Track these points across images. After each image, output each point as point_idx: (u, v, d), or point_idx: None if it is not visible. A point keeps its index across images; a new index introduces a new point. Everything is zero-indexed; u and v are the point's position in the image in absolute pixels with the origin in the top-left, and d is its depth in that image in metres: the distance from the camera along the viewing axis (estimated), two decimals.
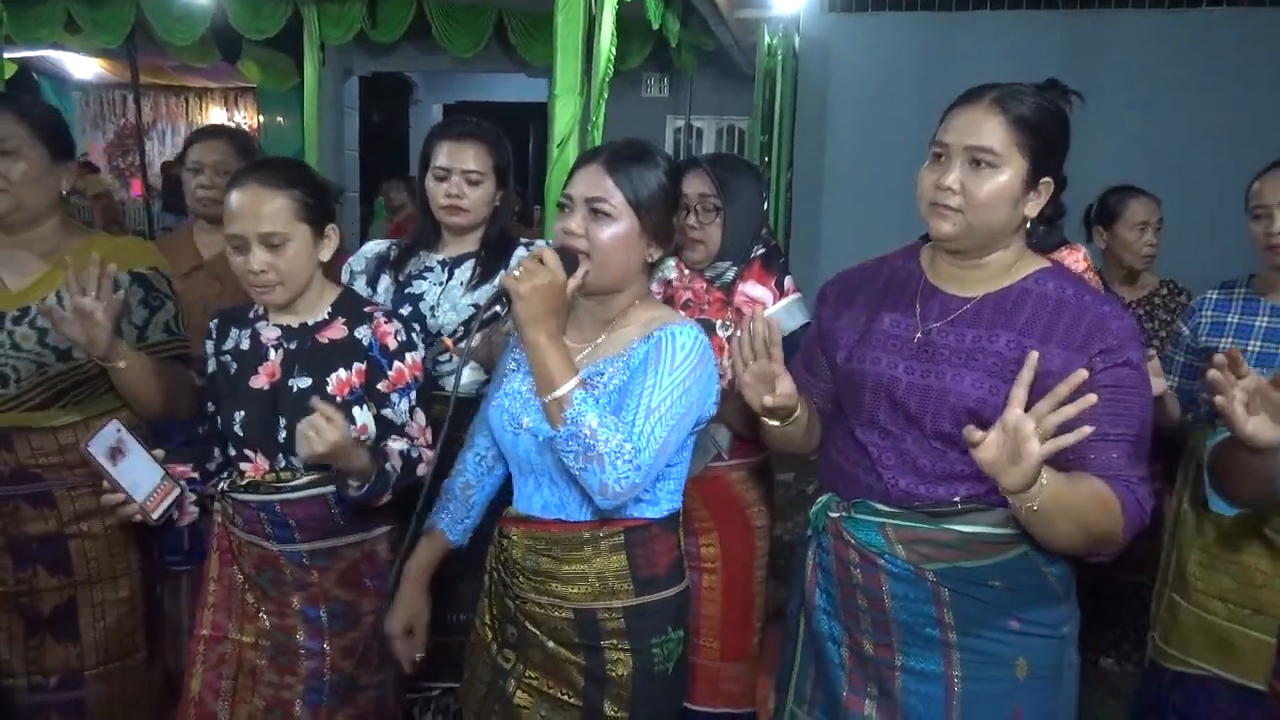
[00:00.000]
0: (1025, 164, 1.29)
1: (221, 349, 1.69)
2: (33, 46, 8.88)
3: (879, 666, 1.38)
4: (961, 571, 1.34)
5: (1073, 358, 1.26)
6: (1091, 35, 5.52)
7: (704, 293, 1.97)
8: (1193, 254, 3.86)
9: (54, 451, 1.78)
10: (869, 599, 1.38)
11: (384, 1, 7.74)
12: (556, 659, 1.44)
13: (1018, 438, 1.12)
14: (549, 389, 1.31)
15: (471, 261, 2.03)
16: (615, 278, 1.42)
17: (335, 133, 9.61)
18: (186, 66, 10.06)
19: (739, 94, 8.52)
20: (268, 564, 1.64)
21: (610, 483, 1.29)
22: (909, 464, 1.36)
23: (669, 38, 7.07)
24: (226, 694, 1.66)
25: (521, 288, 1.31)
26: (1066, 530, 1.23)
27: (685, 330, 1.39)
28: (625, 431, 1.30)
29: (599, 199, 1.38)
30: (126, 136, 12.14)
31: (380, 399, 1.62)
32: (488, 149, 2.00)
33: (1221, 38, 5.33)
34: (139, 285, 1.83)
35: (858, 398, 1.41)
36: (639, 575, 1.43)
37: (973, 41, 5.53)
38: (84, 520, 1.80)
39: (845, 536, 1.41)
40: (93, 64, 11.00)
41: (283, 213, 1.54)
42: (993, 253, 1.36)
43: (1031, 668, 1.35)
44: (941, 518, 1.35)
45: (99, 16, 7.79)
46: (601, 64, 4.04)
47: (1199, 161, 5.19)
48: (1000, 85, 1.32)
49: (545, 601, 1.44)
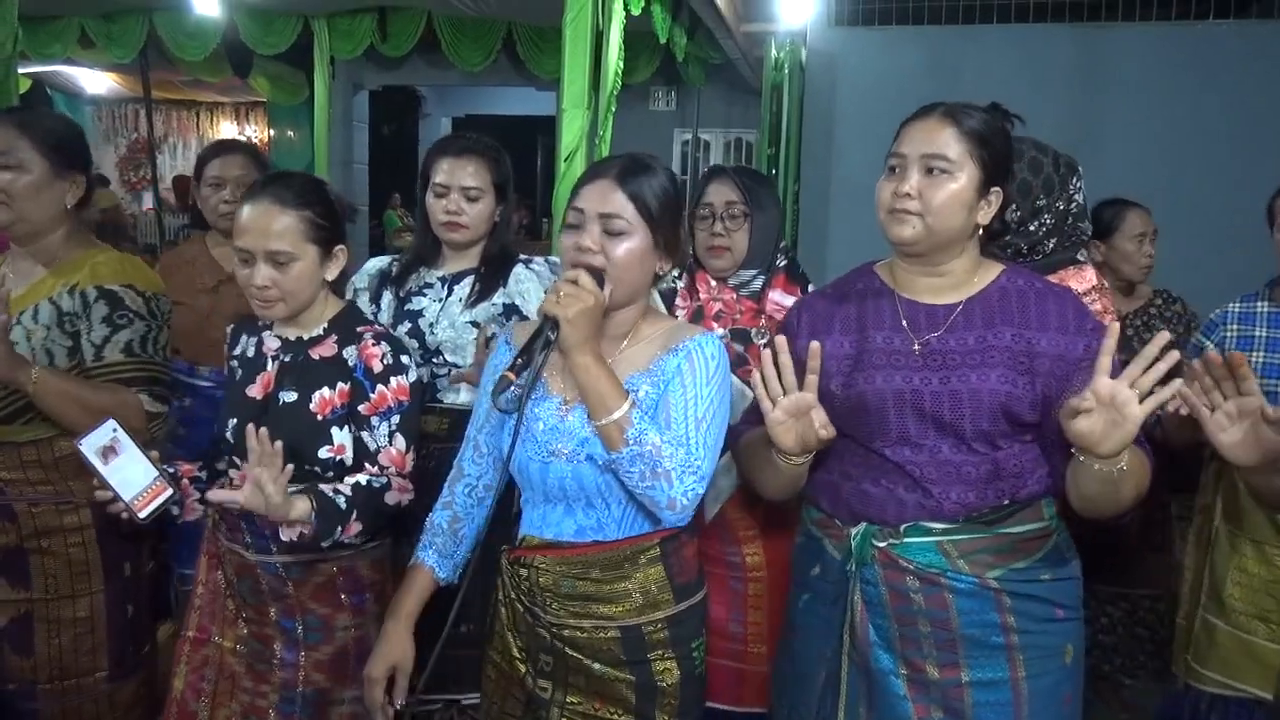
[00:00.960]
0: (977, 172, 1.37)
1: (233, 354, 1.71)
2: (47, 62, 8.95)
3: (945, 688, 1.37)
4: (1017, 573, 1.38)
5: (1071, 340, 1.35)
6: (1098, 49, 5.52)
7: (734, 303, 1.98)
8: (1202, 265, 3.86)
9: (15, 466, 1.76)
10: (933, 621, 1.38)
11: (393, 16, 7.79)
12: (605, 680, 1.43)
13: (1116, 403, 1.17)
14: (605, 412, 1.31)
15: (471, 278, 2.03)
16: (630, 293, 1.42)
17: (345, 146, 9.67)
18: (198, 81, 10.13)
19: (746, 107, 8.56)
20: (246, 573, 1.64)
21: (678, 496, 1.31)
22: (954, 474, 1.37)
23: (676, 51, 7.10)
24: (207, 696, 1.67)
25: (569, 312, 1.30)
26: (1128, 490, 1.27)
27: (710, 340, 1.41)
28: (684, 445, 1.33)
29: (614, 214, 1.37)
30: (138, 150, 12.23)
31: (360, 421, 1.60)
32: (486, 165, 2.00)
33: (1229, 51, 5.32)
34: (105, 301, 1.78)
35: (880, 418, 1.40)
36: (676, 583, 1.44)
37: (979, 56, 5.54)
38: (44, 537, 1.78)
39: (900, 563, 1.38)
40: (106, 79, 11.10)
41: (292, 232, 1.55)
42: (951, 259, 1.42)
43: (1074, 651, 1.41)
44: (996, 523, 1.37)
45: (112, 32, 7.86)
46: (609, 77, 4.06)
47: (1207, 174, 5.18)
48: (949, 103, 1.41)
49: (589, 625, 1.42)
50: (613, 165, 1.42)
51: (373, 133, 10.72)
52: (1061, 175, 2.00)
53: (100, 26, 7.86)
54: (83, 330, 1.77)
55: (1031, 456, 1.39)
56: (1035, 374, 1.34)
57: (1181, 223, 4.77)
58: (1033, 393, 1.34)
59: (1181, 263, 2.94)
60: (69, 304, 1.78)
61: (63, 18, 7.79)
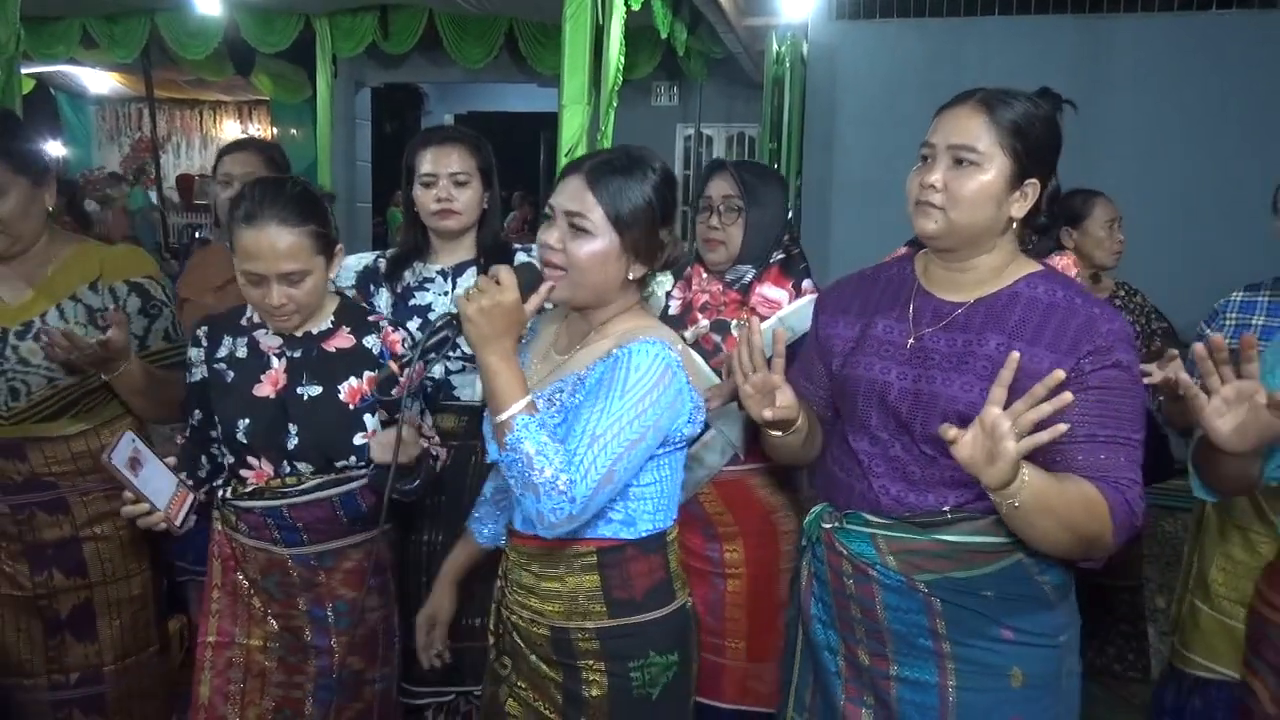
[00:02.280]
0: (1009, 163, 1.30)
1: (215, 356, 1.68)
2: (50, 62, 8.99)
3: (874, 676, 1.38)
4: (953, 582, 1.32)
5: (1061, 360, 1.26)
6: (1100, 40, 5.51)
7: (720, 294, 1.98)
8: (1208, 256, 3.85)
9: (67, 459, 1.81)
10: (863, 609, 1.38)
11: (395, 13, 7.79)
12: (538, 674, 1.44)
13: (994, 436, 1.13)
14: (494, 411, 1.28)
15: (474, 269, 2.05)
16: (591, 295, 1.38)
17: (348, 144, 9.69)
18: (201, 80, 10.15)
19: (749, 101, 8.55)
20: (274, 568, 1.66)
21: (546, 512, 1.24)
22: (898, 471, 1.36)
23: (677, 46, 7.10)
24: (235, 697, 1.68)
25: (469, 309, 1.27)
26: (1051, 530, 1.21)
27: (645, 349, 1.31)
28: (565, 460, 1.24)
29: (578, 214, 1.33)
30: (142, 150, 12.26)
31: (392, 406, 1.63)
32: (470, 151, 2.02)
33: (1231, 41, 5.30)
34: (136, 294, 1.85)
35: (852, 404, 1.41)
36: (613, 596, 1.39)
37: (980, 48, 5.54)
38: (97, 524, 1.85)
39: (838, 547, 1.40)
40: (109, 79, 11.13)
41: (303, 250, 1.55)
42: (981, 254, 1.36)
43: (1027, 677, 1.33)
44: (931, 528, 1.33)
45: (114, 32, 7.88)
46: (610, 73, 4.06)
47: (1212, 165, 5.17)
48: (989, 88, 1.33)
49: (527, 616, 1.43)
50: (587, 163, 1.38)
51: (375, 130, 10.73)
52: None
53: (103, 26, 7.87)
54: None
55: None
56: (1011, 388, 1.25)
57: (1186, 214, 4.77)
58: (1004, 406, 1.24)
59: (1187, 253, 2.94)
60: (97, 300, 1.81)
61: (65, 18, 7.81)
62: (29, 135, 1.81)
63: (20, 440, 1.78)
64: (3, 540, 1.83)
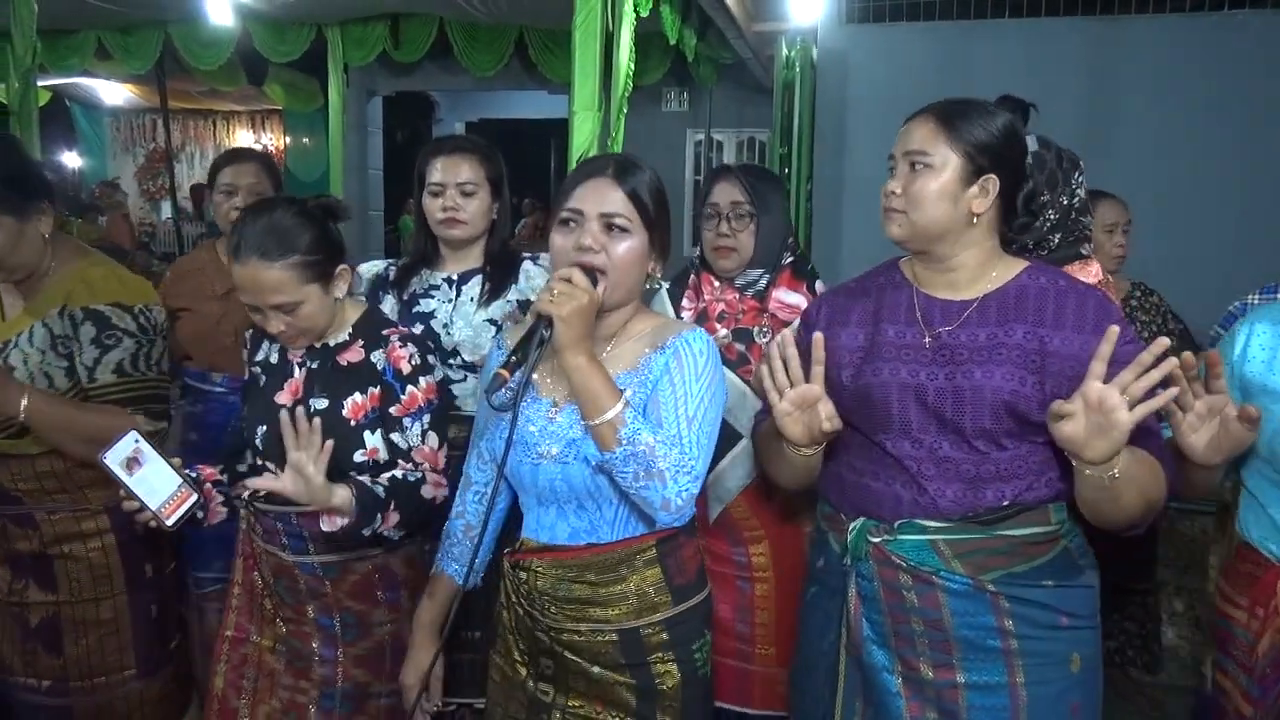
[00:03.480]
0: (960, 161, 1.36)
1: (254, 360, 1.73)
2: (65, 74, 9.07)
3: (939, 688, 1.36)
4: (1016, 577, 1.35)
5: (1089, 340, 1.30)
6: (1111, 42, 5.49)
7: (737, 302, 1.98)
8: (1218, 259, 3.83)
9: (31, 478, 1.80)
10: (926, 620, 1.36)
11: (406, 22, 7.83)
12: (604, 683, 1.42)
13: (1104, 408, 1.16)
14: (598, 411, 1.29)
15: (479, 277, 2.05)
16: (625, 293, 1.40)
17: (359, 152, 9.74)
18: (214, 90, 10.22)
19: (759, 106, 8.55)
20: (283, 573, 1.68)
21: (672, 496, 1.29)
22: (952, 471, 1.36)
23: (686, 52, 7.11)
24: (248, 693, 1.70)
25: (564, 311, 1.28)
26: (1131, 499, 1.25)
27: (697, 336, 1.39)
28: (677, 444, 1.31)
29: (616, 214, 1.36)
30: (156, 160, 12.36)
31: (392, 423, 1.62)
32: (479, 161, 2.03)
33: (1243, 41, 5.27)
34: (91, 322, 1.77)
35: (884, 410, 1.39)
36: (674, 584, 1.43)
37: (991, 51, 5.52)
38: (65, 543, 1.83)
39: (893, 560, 1.38)
40: (123, 90, 11.22)
41: (287, 283, 1.54)
42: (956, 252, 1.41)
43: (1083, 660, 1.38)
44: (994, 524, 1.34)
45: (128, 43, 7.95)
46: (620, 79, 4.08)
47: (1221, 166, 5.13)
48: (944, 100, 1.41)
49: (586, 629, 1.41)
50: (606, 163, 1.41)
51: (387, 138, 10.78)
52: (1064, 170, 2.00)
53: (117, 38, 7.94)
54: (75, 352, 1.77)
55: (1040, 459, 1.35)
56: (1045, 373, 1.32)
57: (1197, 217, 4.74)
58: (1042, 393, 1.31)
59: (1197, 257, 2.92)
60: (59, 326, 1.77)
61: (80, 30, 7.88)
62: (14, 168, 1.72)
63: None
64: None
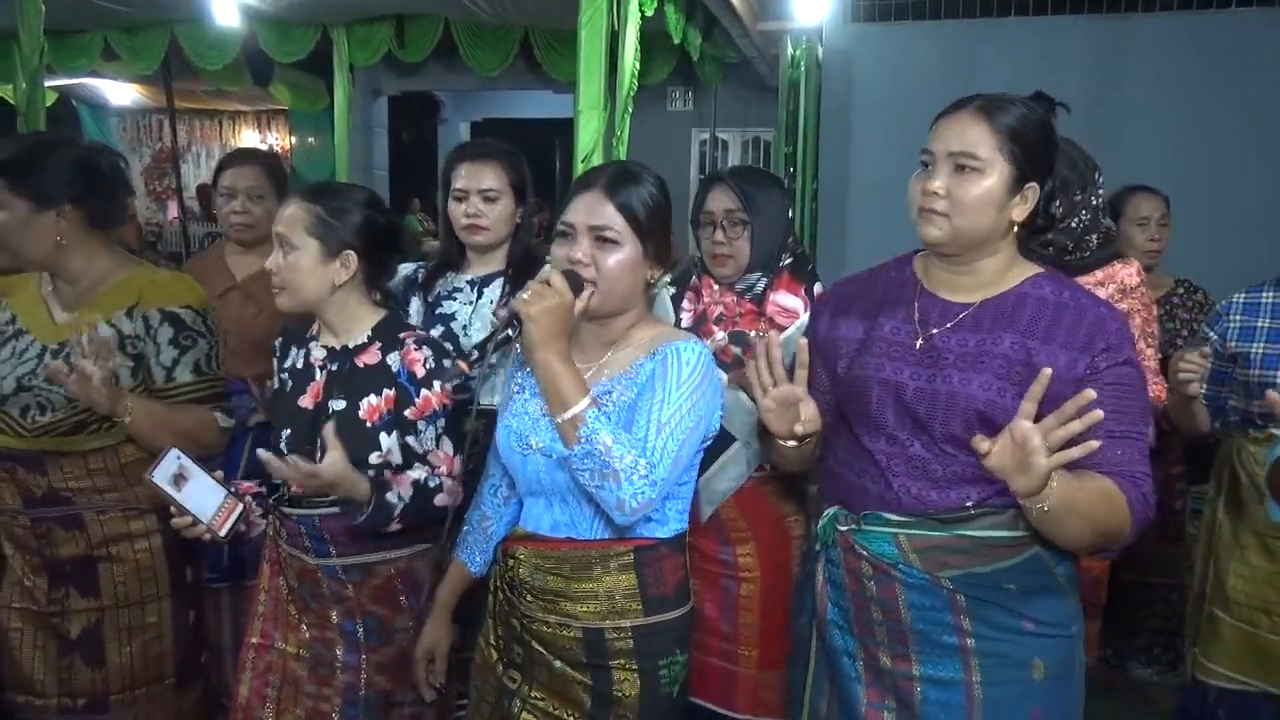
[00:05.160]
0: (1009, 168, 1.32)
1: (283, 366, 1.74)
2: (72, 75, 9.10)
3: (896, 678, 1.38)
4: (976, 577, 1.34)
5: (1076, 357, 1.29)
6: (1117, 39, 5.47)
7: (735, 306, 1.98)
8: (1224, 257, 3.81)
9: (83, 475, 1.81)
10: (884, 611, 1.38)
11: (411, 22, 7.84)
12: (564, 679, 1.44)
13: (1025, 449, 1.15)
14: (562, 409, 1.32)
15: (500, 280, 2.07)
16: (620, 302, 1.42)
17: (365, 152, 9.76)
18: (220, 90, 10.25)
19: (764, 105, 8.54)
20: (307, 577, 1.68)
21: (627, 499, 1.30)
22: (919, 470, 1.36)
23: (691, 51, 7.11)
24: (272, 702, 1.70)
25: (532, 310, 1.31)
26: (1076, 529, 1.24)
27: (690, 346, 1.40)
28: (639, 447, 1.31)
29: (604, 226, 1.39)
30: (163, 160, 12.38)
31: (406, 426, 1.64)
32: (503, 167, 2.05)
33: (1251, 39, 5.25)
34: (169, 324, 1.83)
35: (864, 404, 1.41)
36: (648, 594, 1.42)
37: (996, 49, 5.51)
38: (113, 544, 1.83)
39: (857, 549, 1.40)
40: (130, 90, 11.26)
41: (294, 222, 1.61)
42: (983, 258, 1.38)
43: (1047, 668, 1.36)
44: (954, 524, 1.35)
45: (135, 44, 7.97)
46: (625, 79, 4.08)
47: (1231, 164, 5.12)
48: (985, 95, 1.36)
49: (554, 620, 1.43)
50: (600, 176, 1.43)
51: (392, 138, 10.80)
52: (1091, 170, 2.01)
53: (123, 39, 7.96)
54: (149, 353, 1.81)
55: None
56: (1027, 386, 1.26)
57: (1204, 216, 4.72)
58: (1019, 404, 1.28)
59: (1204, 255, 2.91)
60: (130, 327, 1.81)
61: (87, 31, 7.91)
62: (46, 163, 1.76)
63: (40, 453, 1.79)
64: (25, 554, 1.83)
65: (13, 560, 1.85)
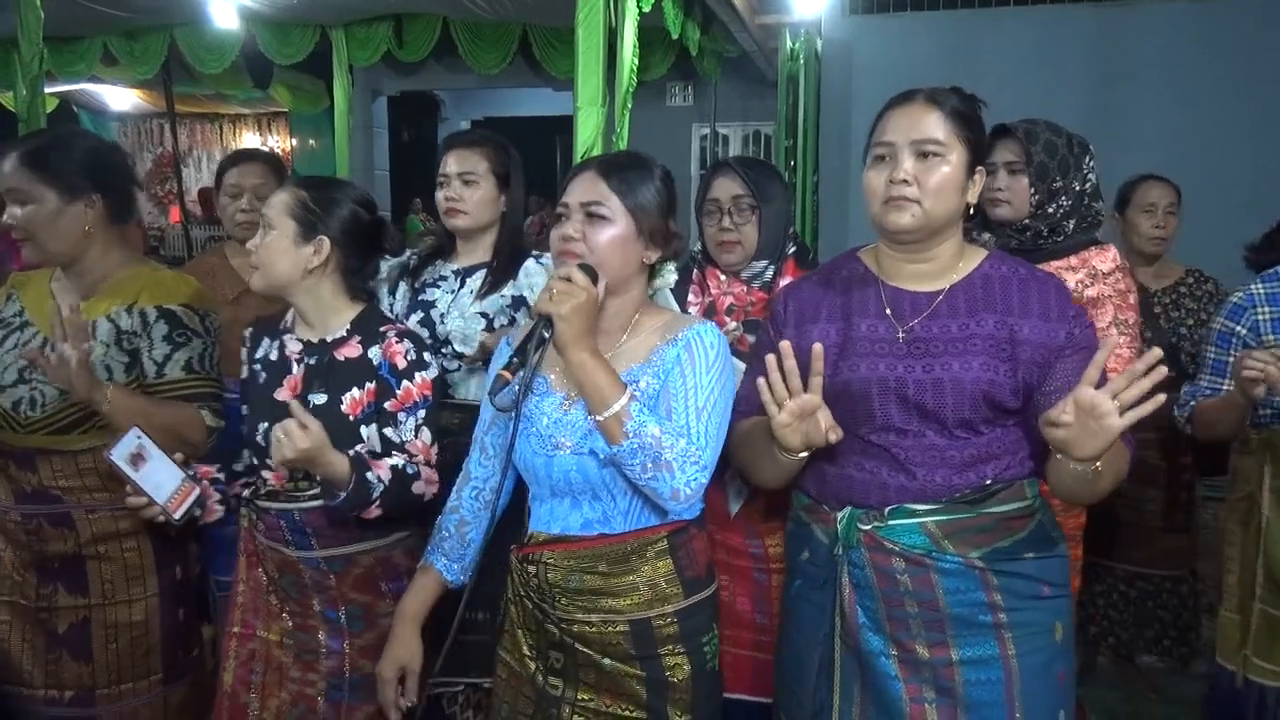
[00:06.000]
0: (965, 152, 1.38)
1: (254, 357, 1.74)
2: (72, 80, 9.11)
3: (936, 667, 1.38)
4: (1001, 552, 1.38)
5: (1056, 327, 1.36)
6: (1119, 28, 5.45)
7: (745, 295, 1.98)
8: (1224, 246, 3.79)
9: (73, 474, 1.82)
10: (920, 601, 1.38)
11: (409, 22, 7.85)
12: (615, 675, 1.43)
13: (1096, 415, 1.18)
14: (603, 406, 1.31)
15: (483, 271, 2.09)
16: (613, 279, 1.42)
17: (366, 153, 9.78)
18: (220, 94, 10.27)
19: (764, 99, 8.54)
20: (288, 569, 1.70)
21: (681, 487, 1.32)
22: (937, 458, 1.38)
23: (690, 46, 7.10)
24: (257, 687, 1.73)
25: (563, 309, 1.30)
26: (1106, 482, 1.30)
27: (708, 329, 1.42)
28: (686, 435, 1.34)
29: (595, 202, 1.40)
30: (164, 164, 12.42)
31: (386, 418, 1.65)
32: (483, 153, 2.08)
33: (1252, 27, 5.22)
34: (165, 321, 1.84)
35: (865, 406, 1.40)
36: (685, 576, 1.44)
37: (997, 39, 5.49)
38: (101, 543, 1.84)
39: (886, 545, 1.39)
40: (130, 95, 11.28)
41: (279, 204, 1.64)
42: (943, 243, 1.42)
43: (1064, 629, 1.42)
44: (979, 503, 1.38)
45: (134, 48, 7.99)
46: (624, 75, 4.07)
47: (1232, 152, 5.10)
48: (925, 88, 1.41)
49: (597, 619, 1.42)
50: (596, 159, 1.46)
51: (393, 138, 10.81)
52: (1076, 155, 2.00)
53: (123, 44, 7.99)
54: (143, 348, 1.83)
55: (1013, 439, 1.40)
56: (1017, 361, 1.35)
57: (1204, 204, 4.70)
58: (1014, 380, 1.35)
59: (1204, 243, 2.89)
60: (127, 322, 1.83)
61: (86, 37, 7.93)
62: (70, 153, 1.79)
63: (32, 450, 1.80)
64: (16, 548, 1.85)
65: (4, 554, 1.87)
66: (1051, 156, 1.96)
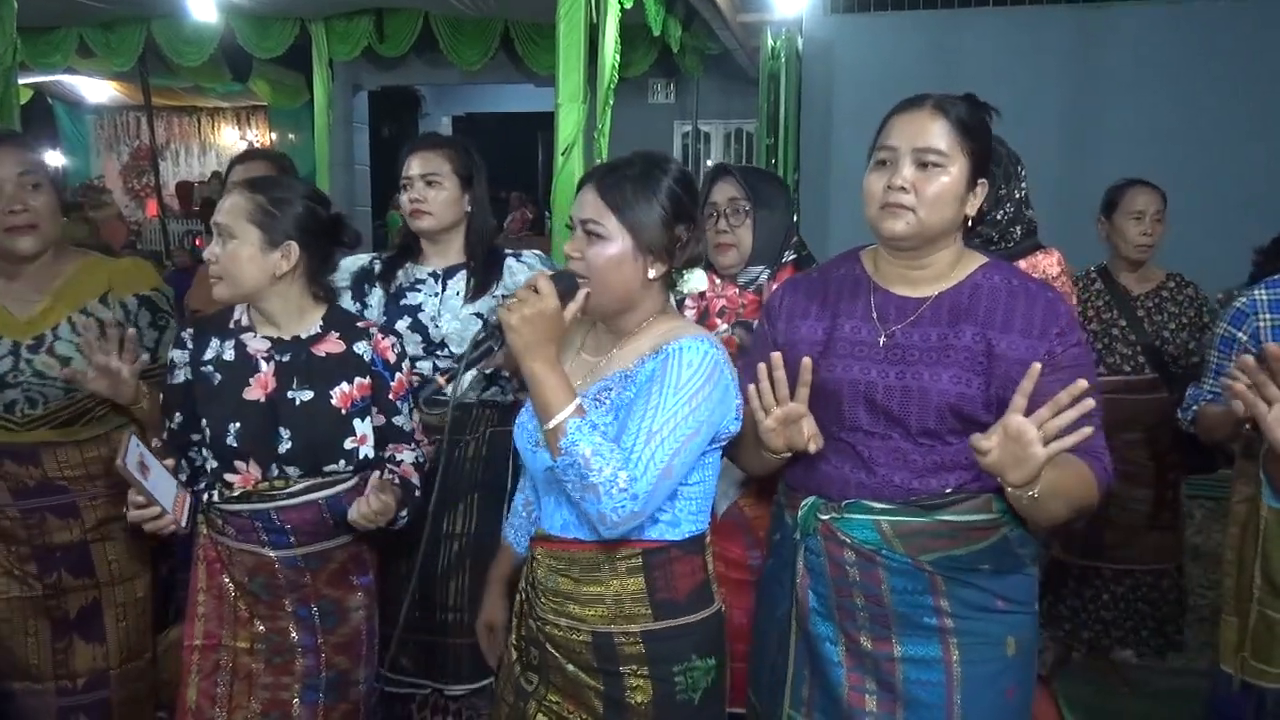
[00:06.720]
0: (967, 164, 1.37)
1: (201, 359, 1.69)
2: (47, 72, 9.00)
3: (878, 660, 1.40)
4: (954, 559, 1.38)
5: (1036, 344, 1.34)
6: (1097, 30, 5.49)
7: (738, 298, 1.99)
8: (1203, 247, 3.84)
9: (78, 464, 1.84)
10: (866, 595, 1.40)
11: (390, 16, 7.81)
12: (576, 683, 1.42)
13: (1021, 443, 1.19)
14: (545, 417, 1.30)
15: (464, 272, 2.10)
16: (615, 299, 1.40)
17: (346, 148, 9.70)
18: (198, 87, 10.17)
19: (745, 97, 8.56)
20: (261, 570, 1.67)
21: (607, 512, 1.27)
22: (900, 461, 1.40)
23: (672, 43, 7.11)
24: (223, 700, 1.69)
25: (512, 319, 1.30)
26: (1056, 509, 1.30)
27: (695, 345, 1.35)
28: (622, 459, 1.27)
29: (591, 221, 1.38)
30: (141, 158, 12.27)
31: (390, 408, 1.72)
32: (445, 155, 2.09)
33: (1230, 30, 5.28)
34: (146, 308, 1.89)
35: (836, 405, 1.42)
36: (656, 598, 1.39)
37: (977, 39, 5.52)
38: (105, 525, 1.87)
39: (840, 536, 1.42)
40: (107, 87, 11.13)
41: (236, 211, 1.61)
42: (938, 251, 1.42)
43: (1018, 645, 1.42)
44: (934, 509, 1.38)
45: (111, 40, 7.90)
46: (605, 71, 4.07)
47: (1208, 156, 5.15)
48: (935, 94, 1.40)
49: (564, 624, 1.42)
50: (601, 170, 1.43)
51: (373, 134, 10.74)
52: (1014, 164, 2.04)
53: (99, 35, 7.89)
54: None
55: None
56: (991, 375, 1.34)
57: (1183, 206, 4.75)
58: (986, 393, 1.34)
59: (1183, 246, 2.92)
60: (108, 313, 1.84)
61: (61, 28, 7.83)
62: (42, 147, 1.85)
63: (35, 445, 1.80)
64: (11, 544, 1.84)
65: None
66: (997, 164, 1.99)
